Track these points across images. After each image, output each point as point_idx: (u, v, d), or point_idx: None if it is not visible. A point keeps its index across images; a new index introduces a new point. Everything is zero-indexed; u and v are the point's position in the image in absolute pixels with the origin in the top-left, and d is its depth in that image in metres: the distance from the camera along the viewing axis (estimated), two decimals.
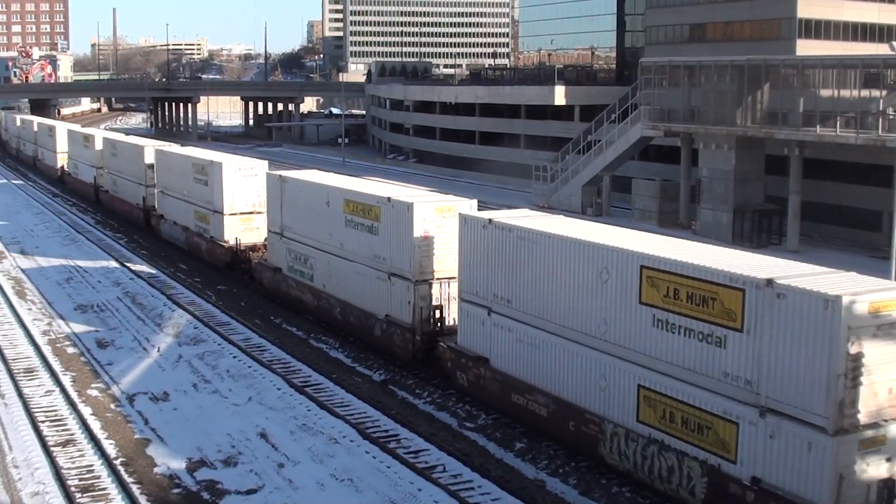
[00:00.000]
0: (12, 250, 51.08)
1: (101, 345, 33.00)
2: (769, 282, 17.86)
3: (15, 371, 29.64)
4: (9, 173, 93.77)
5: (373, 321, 31.22)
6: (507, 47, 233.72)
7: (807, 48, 61.12)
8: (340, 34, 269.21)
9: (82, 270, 45.50)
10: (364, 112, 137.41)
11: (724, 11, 68.28)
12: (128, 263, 46.84)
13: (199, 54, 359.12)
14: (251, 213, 43.38)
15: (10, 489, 21.12)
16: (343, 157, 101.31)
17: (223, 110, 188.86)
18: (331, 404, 26.45)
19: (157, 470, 22.41)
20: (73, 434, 24.40)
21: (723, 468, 18.89)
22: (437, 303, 28.76)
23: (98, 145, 66.97)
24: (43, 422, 25.18)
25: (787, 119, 51.11)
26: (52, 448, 23.34)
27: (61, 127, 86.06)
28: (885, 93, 47.54)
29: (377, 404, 26.54)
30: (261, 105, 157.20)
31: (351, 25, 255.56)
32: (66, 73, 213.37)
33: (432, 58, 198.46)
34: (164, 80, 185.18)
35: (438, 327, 28.76)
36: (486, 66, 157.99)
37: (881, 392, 17.24)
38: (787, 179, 51.71)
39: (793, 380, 17.53)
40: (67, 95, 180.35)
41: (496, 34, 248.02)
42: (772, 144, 52.55)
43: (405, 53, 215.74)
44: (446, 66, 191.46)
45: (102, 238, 55.10)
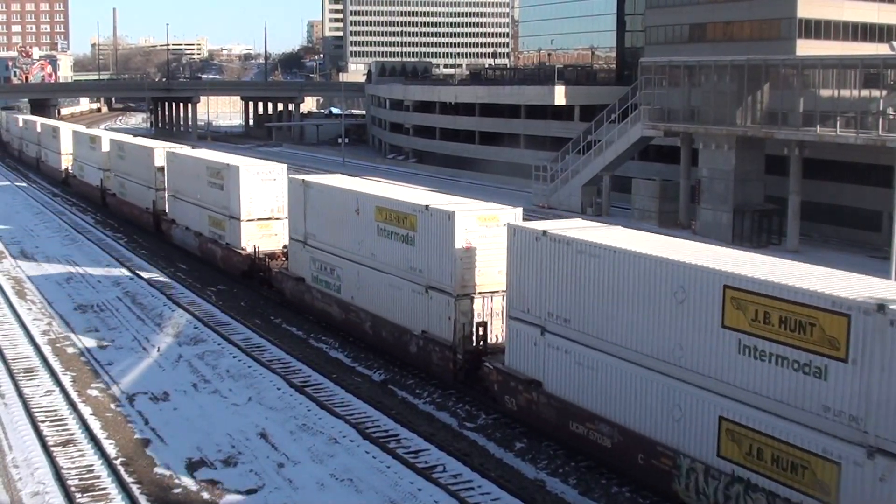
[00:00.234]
0: (12, 250, 51.08)
1: (101, 345, 33.01)
2: (880, 307, 15.96)
3: (15, 371, 29.64)
4: (12, 175, 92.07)
5: (408, 337, 29.28)
6: (507, 47, 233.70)
7: (807, 48, 61.11)
8: (340, 34, 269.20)
9: (82, 270, 45.51)
10: (364, 112, 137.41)
11: (724, 11, 68.27)
12: (128, 263, 46.86)
13: (199, 54, 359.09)
14: (269, 218, 41.55)
15: (10, 489, 21.13)
16: (343, 156, 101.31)
17: (223, 110, 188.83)
18: (331, 404, 26.45)
19: (157, 470, 22.41)
20: (73, 434, 24.40)
21: None
22: (480, 319, 26.75)
23: (105, 147, 64.99)
24: (43, 422, 25.18)
25: (787, 119, 51.13)
26: (52, 448, 23.33)
27: (65, 128, 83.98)
28: (885, 93, 47.56)
29: (377, 404, 26.54)
30: (261, 105, 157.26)
31: (351, 25, 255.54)
32: (66, 73, 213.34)
33: (432, 58, 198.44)
34: (164, 80, 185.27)
35: (482, 346, 26.71)
36: (486, 66, 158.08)
37: None
38: (786, 179, 51.72)
39: None
40: (67, 95, 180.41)
41: (496, 34, 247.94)
42: (772, 144, 52.56)
43: (405, 53, 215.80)
44: (446, 66, 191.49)
45: (102, 238, 55.12)
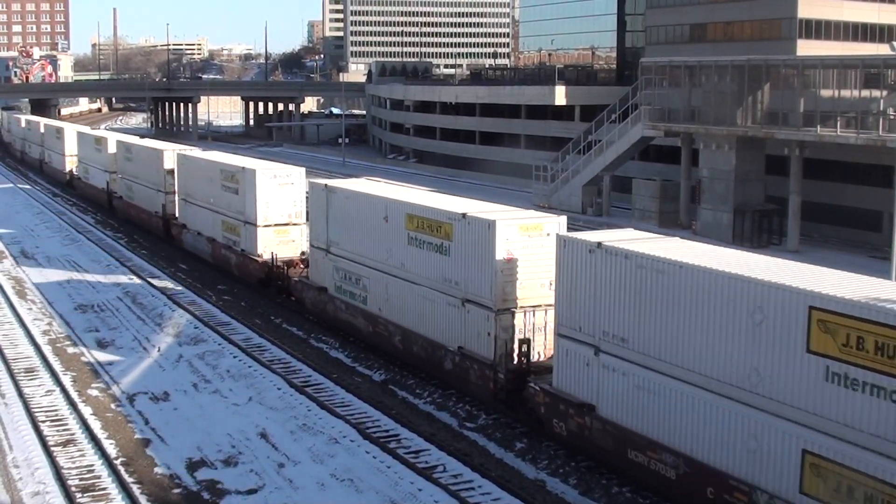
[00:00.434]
0: (13, 250, 51.09)
1: (102, 345, 33.02)
2: None
3: (15, 371, 29.66)
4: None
5: (442, 353, 27.54)
6: (508, 47, 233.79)
7: (807, 48, 61.13)
8: (341, 34, 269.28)
9: (82, 270, 45.51)
10: (364, 112, 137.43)
11: (724, 11, 68.29)
12: (128, 263, 46.86)
13: (199, 54, 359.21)
14: (287, 224, 39.87)
15: (11, 489, 21.13)
16: (343, 156, 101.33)
17: (223, 110, 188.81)
18: (331, 404, 26.45)
19: (157, 470, 22.42)
20: (73, 434, 24.41)
21: None
22: (522, 335, 24.96)
23: (111, 148, 63.06)
24: (43, 422, 25.19)
25: (787, 119, 51.12)
26: (52, 448, 23.35)
27: (70, 128, 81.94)
28: (885, 93, 47.55)
29: (377, 404, 26.54)
30: (261, 105, 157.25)
31: (351, 25, 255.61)
32: (66, 72, 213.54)
33: (433, 58, 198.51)
34: (164, 79, 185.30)
35: (525, 364, 24.81)
36: (487, 66, 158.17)
37: None
38: (787, 179, 51.72)
39: None
40: (68, 95, 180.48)
41: (496, 34, 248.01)
42: (772, 144, 52.55)
43: (405, 53, 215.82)
44: (447, 66, 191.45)
45: (103, 238, 55.12)
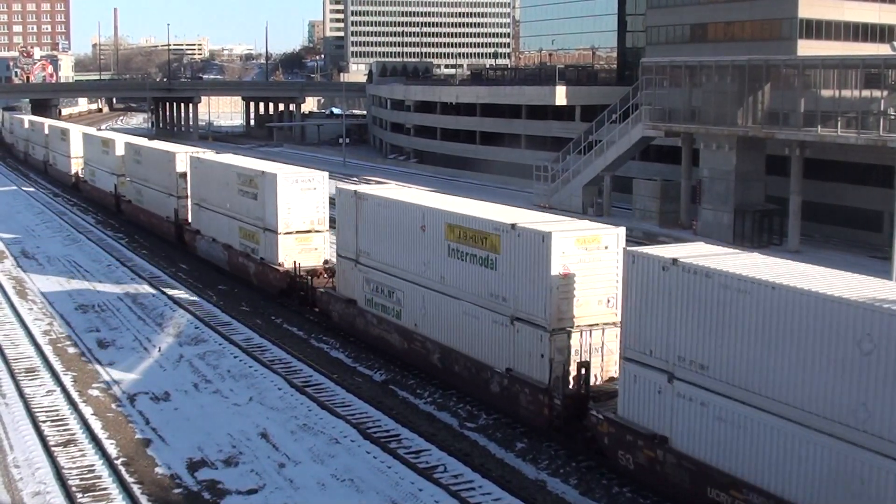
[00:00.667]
0: (13, 250, 51.11)
1: (102, 345, 33.02)
2: None
3: (16, 371, 29.67)
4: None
5: (488, 374, 25.68)
6: (508, 47, 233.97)
7: (808, 48, 61.11)
8: (341, 34, 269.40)
9: (83, 270, 45.52)
10: (365, 112, 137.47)
11: (725, 12, 68.28)
12: (128, 264, 46.86)
13: (200, 54, 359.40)
14: (309, 231, 38.02)
15: (12, 489, 21.15)
16: (344, 157, 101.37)
17: (224, 110, 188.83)
18: (332, 404, 26.46)
19: (158, 470, 22.43)
20: (74, 434, 24.43)
21: None
22: (580, 357, 23.15)
23: (119, 150, 61.16)
24: (44, 422, 25.21)
25: (787, 119, 51.09)
26: (53, 448, 23.37)
27: (75, 130, 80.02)
28: (885, 93, 47.51)
29: (378, 404, 26.54)
30: (262, 105, 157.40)
31: (352, 25, 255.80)
32: (67, 73, 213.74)
33: (433, 58, 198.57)
34: (165, 80, 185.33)
35: (584, 390, 22.88)
36: (487, 66, 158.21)
37: None
38: (787, 180, 51.69)
39: None
40: (69, 95, 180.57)
41: (497, 34, 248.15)
42: (773, 144, 52.54)
43: (406, 53, 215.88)
44: (447, 67, 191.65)
45: (103, 238, 55.13)
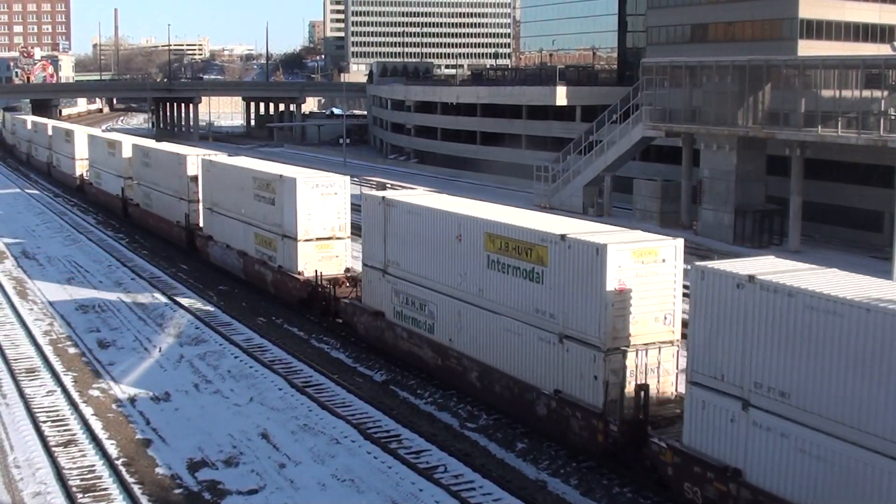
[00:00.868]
0: (14, 250, 51.13)
1: (103, 345, 33.02)
2: None
3: (16, 371, 29.68)
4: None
5: (533, 396, 24.03)
6: (509, 47, 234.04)
7: (808, 48, 61.13)
8: (342, 34, 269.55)
9: (84, 270, 45.53)
10: (365, 112, 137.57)
11: (725, 12, 68.30)
12: (129, 264, 46.87)
13: (200, 54, 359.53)
14: (330, 238, 36.65)
15: (12, 489, 21.15)
16: (345, 157, 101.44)
17: (224, 110, 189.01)
18: (332, 404, 26.45)
19: (158, 470, 22.44)
20: (74, 434, 24.43)
21: None
22: (636, 379, 21.61)
23: (126, 152, 59.76)
24: (44, 422, 25.21)
25: (788, 119, 51.09)
26: (53, 448, 23.37)
27: (80, 131, 78.40)
28: (886, 93, 47.52)
29: (378, 404, 26.54)
30: (262, 105, 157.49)
31: (352, 26, 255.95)
32: (67, 73, 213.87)
33: (434, 58, 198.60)
34: (165, 80, 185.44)
35: (643, 414, 21.20)
36: (488, 67, 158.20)
37: None
38: (788, 180, 51.69)
39: None
40: (69, 96, 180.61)
41: (497, 34, 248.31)
42: (773, 145, 52.54)
43: (406, 54, 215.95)
44: (448, 67, 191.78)
45: (104, 238, 55.14)
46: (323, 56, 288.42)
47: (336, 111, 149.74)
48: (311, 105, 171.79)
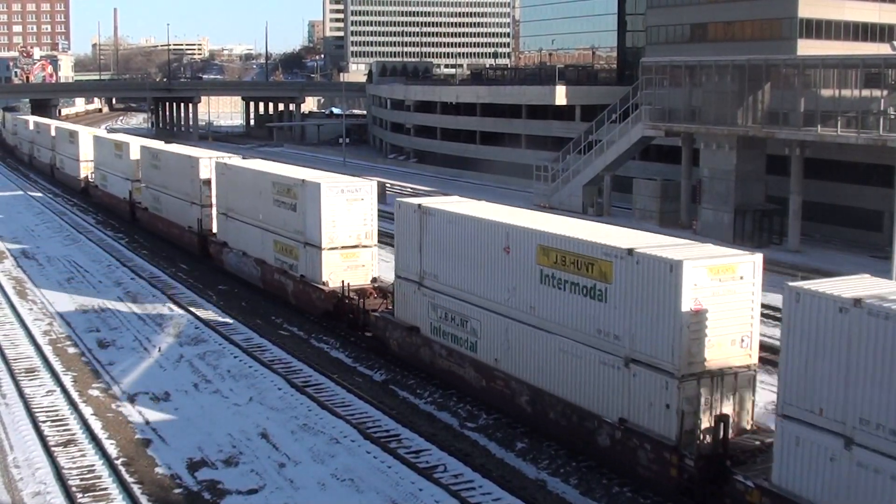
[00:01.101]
0: (13, 250, 51.12)
1: (102, 345, 33.02)
2: None
3: (16, 371, 29.67)
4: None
5: (594, 425, 22.11)
6: (508, 47, 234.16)
7: (808, 48, 61.12)
8: (341, 34, 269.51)
9: (83, 270, 45.53)
10: (365, 112, 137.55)
11: (725, 11, 68.28)
12: (128, 264, 46.86)
13: (199, 54, 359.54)
14: (356, 246, 34.80)
15: (12, 489, 21.14)
16: (344, 157, 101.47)
17: (224, 110, 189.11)
18: (332, 404, 26.46)
19: (158, 470, 22.43)
20: (74, 434, 24.43)
21: None
22: (712, 408, 19.96)
23: (134, 154, 57.82)
24: (44, 422, 25.20)
25: (788, 119, 51.07)
26: (53, 448, 23.36)
27: (85, 132, 76.15)
28: (886, 93, 47.50)
29: (378, 404, 26.54)
30: (262, 105, 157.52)
31: (352, 25, 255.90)
32: (66, 73, 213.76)
33: (433, 58, 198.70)
34: (164, 80, 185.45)
35: (723, 448, 19.52)
36: (487, 66, 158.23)
37: None
38: (788, 179, 51.68)
39: None
40: (69, 95, 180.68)
41: (497, 34, 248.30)
42: (773, 144, 52.52)
43: (406, 53, 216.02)
44: (447, 66, 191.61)
45: (104, 238, 55.12)
46: (322, 56, 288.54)
47: (335, 111, 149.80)
48: (310, 105, 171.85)
